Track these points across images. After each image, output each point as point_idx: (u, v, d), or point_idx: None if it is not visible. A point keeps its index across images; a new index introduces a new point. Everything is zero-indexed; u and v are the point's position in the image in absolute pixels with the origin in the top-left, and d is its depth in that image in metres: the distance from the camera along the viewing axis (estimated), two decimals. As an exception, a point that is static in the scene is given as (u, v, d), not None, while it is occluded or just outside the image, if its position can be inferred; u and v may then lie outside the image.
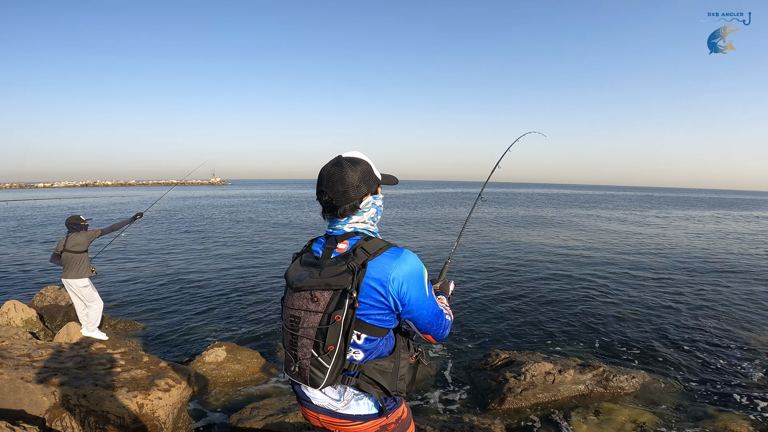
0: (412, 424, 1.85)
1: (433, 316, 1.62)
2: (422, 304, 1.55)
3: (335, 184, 1.55)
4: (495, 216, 28.55)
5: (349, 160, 1.60)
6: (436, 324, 1.64)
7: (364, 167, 1.61)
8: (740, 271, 11.79)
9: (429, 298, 1.57)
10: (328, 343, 1.45)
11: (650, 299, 8.91)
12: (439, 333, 1.68)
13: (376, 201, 1.65)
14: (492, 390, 4.97)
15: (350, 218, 1.60)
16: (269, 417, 4.09)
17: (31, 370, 3.79)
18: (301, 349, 1.51)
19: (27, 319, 6.50)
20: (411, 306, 1.53)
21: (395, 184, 1.80)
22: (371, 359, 1.56)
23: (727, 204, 52.17)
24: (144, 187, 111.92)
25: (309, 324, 1.49)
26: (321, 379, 1.48)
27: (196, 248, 15.03)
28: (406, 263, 1.50)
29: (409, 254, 1.54)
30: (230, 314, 7.84)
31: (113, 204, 40.42)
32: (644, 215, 31.50)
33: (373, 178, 1.64)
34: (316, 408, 1.62)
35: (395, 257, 1.50)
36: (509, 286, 9.94)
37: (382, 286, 1.48)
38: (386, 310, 1.53)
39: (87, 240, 5.78)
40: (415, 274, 1.52)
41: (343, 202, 1.57)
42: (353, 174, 1.56)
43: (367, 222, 1.63)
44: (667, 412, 4.59)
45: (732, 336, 6.84)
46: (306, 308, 1.50)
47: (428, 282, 1.58)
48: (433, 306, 1.60)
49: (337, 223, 1.61)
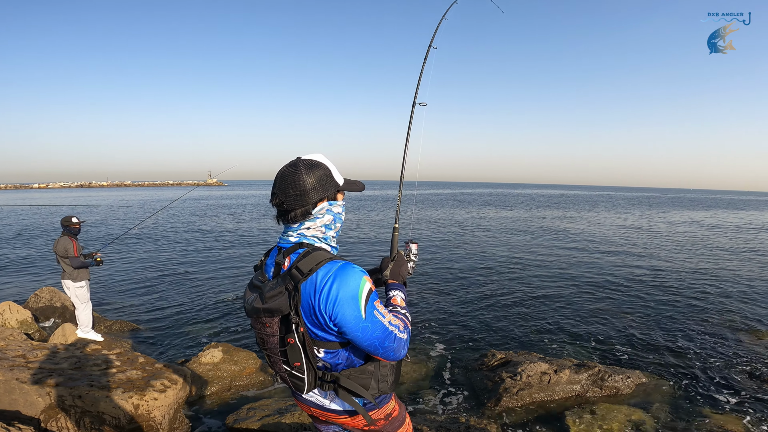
0: (409, 423, 1.86)
1: (374, 340, 1.43)
2: (356, 326, 1.40)
3: (287, 187, 1.48)
4: (490, 217, 28.63)
5: (307, 162, 1.53)
6: (381, 347, 1.46)
7: (322, 171, 1.53)
8: (734, 272, 11.85)
9: (367, 320, 1.41)
10: (292, 361, 1.49)
11: (645, 300, 8.95)
12: (389, 355, 1.49)
13: (333, 208, 1.57)
14: (488, 390, 4.99)
15: (302, 224, 1.53)
16: (266, 417, 4.09)
17: (26, 370, 3.77)
18: (275, 365, 1.58)
19: (22, 320, 6.47)
20: (345, 329, 1.41)
21: (361, 190, 1.69)
22: (344, 369, 1.55)
23: (724, 204, 52.40)
24: (140, 188, 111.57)
25: (271, 345, 1.54)
26: (303, 387, 1.54)
27: (193, 249, 14.99)
28: (339, 281, 1.39)
29: (346, 270, 1.41)
30: (226, 315, 7.83)
31: (112, 206, 40.25)
32: (640, 216, 31.62)
33: (332, 183, 1.55)
34: (305, 401, 1.68)
35: (327, 274, 1.40)
36: (505, 286, 9.96)
37: (313, 309, 1.42)
38: (329, 329, 1.46)
39: (65, 251, 5.61)
40: (348, 294, 1.39)
41: (294, 207, 1.50)
42: (308, 177, 1.49)
43: (319, 229, 1.54)
44: (663, 412, 4.61)
45: (727, 336, 6.88)
46: (263, 332, 1.53)
47: (368, 301, 1.42)
48: (373, 329, 1.42)
49: (288, 230, 1.56)
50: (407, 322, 1.58)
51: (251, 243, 16.66)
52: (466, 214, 30.58)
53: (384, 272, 1.83)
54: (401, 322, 1.53)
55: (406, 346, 1.53)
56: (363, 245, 16.09)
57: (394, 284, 1.77)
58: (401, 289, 1.75)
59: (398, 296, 1.70)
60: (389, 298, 1.71)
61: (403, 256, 1.90)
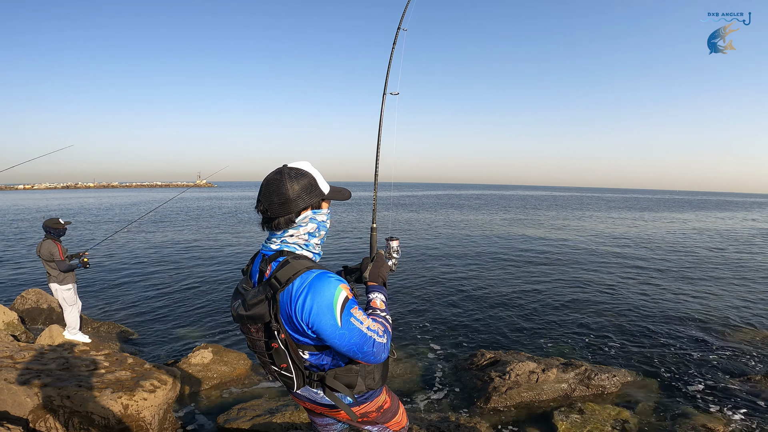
0: (403, 413, 1.92)
1: (352, 346, 1.46)
2: (333, 334, 1.42)
3: (272, 195, 1.50)
4: (480, 218, 28.77)
5: (292, 171, 1.54)
6: (360, 352, 1.47)
7: (307, 180, 1.54)
8: (721, 272, 12.07)
9: (343, 327, 1.42)
10: (278, 363, 1.54)
11: (632, 300, 9.09)
12: (369, 359, 1.50)
13: (317, 216, 1.59)
14: (478, 389, 5.04)
15: (286, 231, 1.55)
16: (256, 417, 4.09)
17: (13, 371, 3.74)
18: (265, 365, 1.65)
19: (8, 322, 6.39)
20: (322, 336, 1.44)
21: (347, 198, 1.70)
22: (331, 368, 1.59)
23: (711, 205, 53.11)
24: (127, 189, 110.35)
25: (259, 349, 1.60)
26: (293, 385, 1.59)
27: (182, 251, 14.88)
28: (313, 291, 1.41)
29: (319, 281, 1.43)
30: (216, 316, 7.80)
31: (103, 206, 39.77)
32: (628, 217, 31.98)
33: (316, 191, 1.56)
34: (299, 396, 1.73)
35: (301, 285, 1.43)
36: (494, 287, 10.05)
37: (291, 318, 1.45)
38: (308, 336, 1.49)
39: (50, 255, 5.51)
40: (323, 304, 1.40)
41: (278, 215, 1.51)
42: (293, 186, 1.50)
43: (302, 237, 1.56)
44: (647, 411, 4.70)
45: (711, 336, 7.02)
46: (250, 335, 1.59)
47: (344, 309, 1.43)
48: (350, 336, 1.44)
49: (272, 236, 1.59)
50: (387, 326, 1.58)
51: (240, 245, 16.58)
52: (453, 216, 30.70)
53: (363, 274, 1.83)
54: (380, 326, 1.54)
55: (386, 350, 1.54)
56: (344, 247, 16.10)
57: (374, 286, 1.77)
58: (381, 291, 1.75)
59: (378, 299, 1.70)
60: (369, 301, 1.71)
61: (383, 255, 1.90)
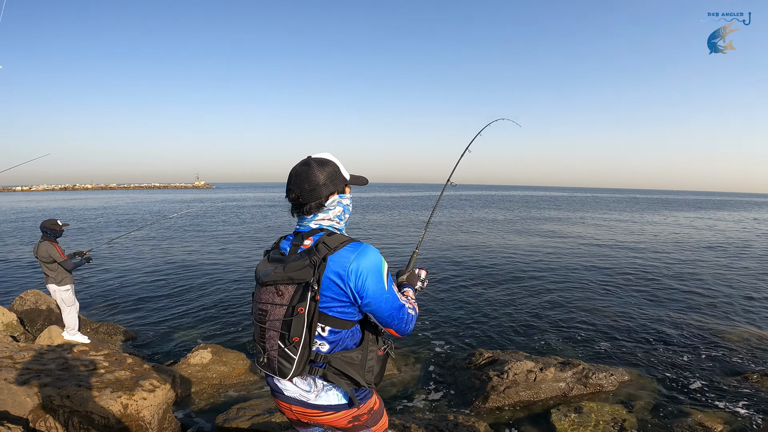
0: (385, 415, 1.91)
1: (393, 310, 1.63)
2: (380, 296, 1.58)
3: (302, 183, 1.63)
4: (477, 217, 28.81)
5: (317, 160, 1.68)
6: (397, 318, 1.65)
7: (332, 167, 1.68)
8: (717, 272, 12.10)
9: (388, 291, 1.60)
10: (293, 335, 1.53)
11: (629, 299, 9.12)
12: (401, 327, 1.68)
13: (342, 200, 1.72)
14: (476, 388, 5.06)
15: (316, 215, 1.67)
16: (255, 417, 4.10)
17: (13, 371, 3.75)
18: (269, 340, 1.60)
19: (7, 323, 6.40)
20: (369, 299, 1.56)
21: (365, 184, 1.87)
22: (337, 351, 1.62)
23: (710, 205, 53.21)
24: (126, 190, 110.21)
25: (275, 316, 1.58)
26: (289, 370, 1.56)
27: (180, 251, 14.88)
28: (365, 257, 1.55)
29: (369, 248, 1.59)
30: (215, 316, 7.81)
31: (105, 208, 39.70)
32: (627, 217, 32.05)
33: (341, 178, 1.71)
34: (288, 399, 1.68)
35: (354, 251, 1.56)
36: (492, 286, 10.07)
37: (341, 279, 1.53)
38: (347, 303, 1.58)
39: (49, 257, 5.49)
40: (373, 268, 1.56)
41: (309, 200, 1.64)
42: (320, 173, 1.64)
43: (333, 219, 1.69)
44: (645, 409, 4.73)
45: (708, 335, 7.04)
46: (272, 301, 1.59)
47: (388, 276, 1.61)
48: (392, 300, 1.62)
49: (304, 220, 1.69)
50: (415, 306, 1.82)
51: (242, 247, 16.58)
52: (450, 217, 30.74)
53: (400, 278, 2.13)
54: (411, 303, 1.78)
55: (413, 322, 1.74)
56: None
57: (407, 284, 2.07)
58: (412, 289, 2.03)
59: (410, 291, 1.97)
60: (402, 291, 1.94)
61: (416, 273, 2.18)
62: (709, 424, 4.39)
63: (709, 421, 4.45)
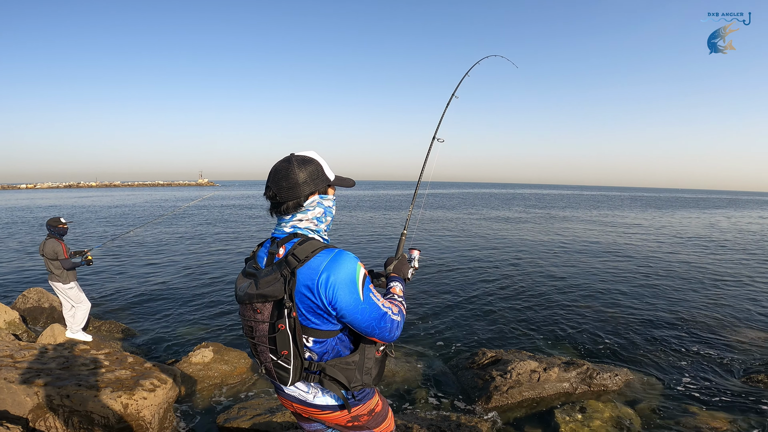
0: (391, 418, 1.88)
1: (372, 321, 1.51)
2: (355, 308, 1.47)
3: (280, 180, 1.56)
4: (481, 216, 28.74)
5: (299, 158, 1.60)
6: (378, 328, 1.54)
7: (314, 166, 1.60)
8: (724, 271, 12.02)
9: (365, 302, 1.49)
10: (280, 349, 1.52)
11: (633, 299, 9.05)
12: (384, 335, 1.57)
13: (323, 201, 1.64)
14: (479, 388, 5.02)
15: (294, 216, 1.60)
16: (257, 417, 4.08)
17: (14, 370, 3.74)
18: (261, 354, 1.60)
19: (10, 321, 6.40)
20: (343, 311, 1.47)
21: (351, 186, 1.76)
22: (331, 358, 1.59)
23: (717, 204, 52.91)
24: (130, 188, 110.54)
25: (260, 332, 1.56)
26: (287, 379, 1.57)
27: (183, 250, 14.90)
28: (335, 266, 1.45)
29: (341, 256, 1.48)
30: (217, 316, 7.80)
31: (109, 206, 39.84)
32: (629, 216, 31.90)
33: (323, 177, 1.62)
34: (289, 397, 1.69)
35: (324, 260, 1.46)
36: (494, 285, 10.03)
37: (311, 293, 1.46)
38: (324, 315, 1.51)
39: (55, 255, 5.51)
40: (345, 278, 1.45)
41: (286, 199, 1.57)
42: (300, 171, 1.56)
43: (312, 221, 1.61)
44: (650, 409, 4.68)
45: (713, 335, 6.98)
46: (254, 319, 1.56)
47: (365, 285, 1.50)
48: (371, 310, 1.51)
49: (281, 221, 1.62)
50: (402, 308, 1.69)
51: (243, 245, 16.59)
52: (454, 215, 30.67)
53: (387, 267, 1.99)
54: (395, 307, 1.64)
55: (399, 328, 1.62)
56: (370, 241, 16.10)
57: (395, 277, 1.92)
58: (401, 282, 1.89)
59: (397, 287, 1.83)
60: (389, 287, 1.83)
61: (406, 258, 2.08)
62: (714, 424, 4.35)
63: (715, 421, 4.41)
